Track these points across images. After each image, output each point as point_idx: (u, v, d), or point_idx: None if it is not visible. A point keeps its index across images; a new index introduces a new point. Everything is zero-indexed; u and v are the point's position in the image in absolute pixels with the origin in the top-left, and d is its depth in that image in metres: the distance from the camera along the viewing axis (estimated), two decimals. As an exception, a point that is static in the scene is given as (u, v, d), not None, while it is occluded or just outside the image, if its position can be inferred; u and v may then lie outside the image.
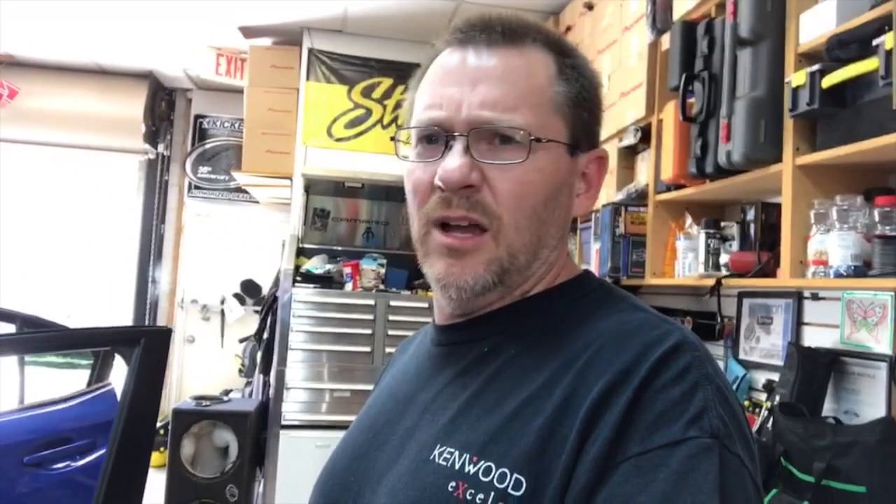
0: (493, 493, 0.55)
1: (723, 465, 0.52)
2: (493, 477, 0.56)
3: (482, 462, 0.57)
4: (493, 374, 0.64)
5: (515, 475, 0.55)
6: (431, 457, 0.61)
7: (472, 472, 0.57)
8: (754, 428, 1.87)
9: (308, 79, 3.67)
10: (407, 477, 0.62)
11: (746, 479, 0.54)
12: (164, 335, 1.31)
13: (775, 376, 1.90)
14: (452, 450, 0.60)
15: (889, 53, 1.30)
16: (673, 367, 0.56)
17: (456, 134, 0.65)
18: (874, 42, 1.37)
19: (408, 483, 0.61)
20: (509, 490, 0.55)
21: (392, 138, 0.73)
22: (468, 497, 0.56)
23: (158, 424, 4.37)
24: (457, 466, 0.58)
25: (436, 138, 0.66)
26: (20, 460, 1.80)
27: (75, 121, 4.81)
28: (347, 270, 3.42)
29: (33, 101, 4.69)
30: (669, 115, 2.10)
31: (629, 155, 2.52)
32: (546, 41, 0.69)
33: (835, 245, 1.51)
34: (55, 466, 1.86)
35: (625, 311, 0.65)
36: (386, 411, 0.72)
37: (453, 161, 0.64)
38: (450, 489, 0.57)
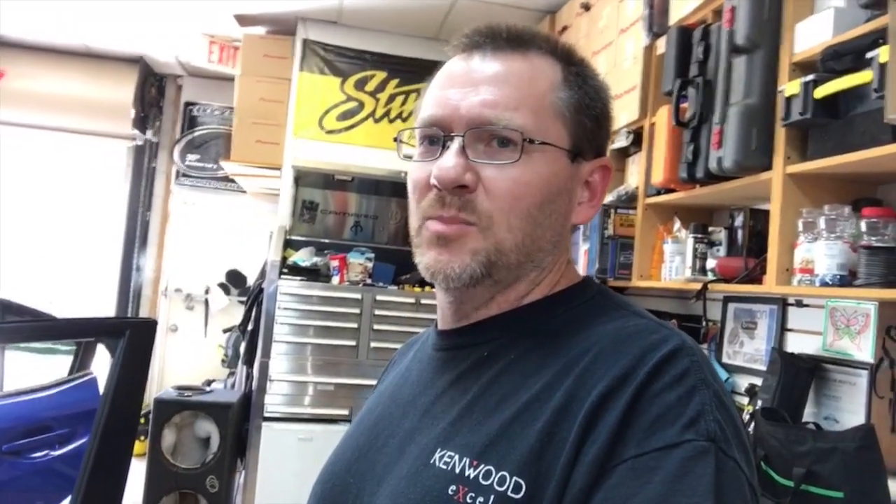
0: (492, 497, 0.56)
1: (719, 469, 0.53)
2: (493, 480, 0.57)
3: (482, 465, 0.58)
4: (492, 378, 0.65)
5: (515, 478, 0.56)
6: (432, 460, 0.61)
7: (472, 475, 0.58)
8: (736, 432, 1.88)
9: (301, 69, 3.64)
10: (407, 480, 0.62)
11: (743, 483, 0.55)
12: (150, 327, 1.30)
13: (758, 381, 1.92)
14: (453, 453, 0.60)
15: (883, 66, 1.31)
16: (670, 372, 0.57)
17: (453, 134, 0.66)
18: (868, 55, 1.39)
19: (408, 486, 0.61)
20: (509, 493, 0.56)
21: (395, 139, 0.74)
22: (468, 500, 0.57)
23: (142, 406, 4.34)
24: (457, 470, 0.59)
25: (437, 139, 0.68)
26: (-1, 447, 1.78)
27: (63, 104, 4.74)
28: (335, 264, 3.40)
29: (20, 83, 4.61)
30: (662, 119, 2.10)
31: (620, 157, 2.53)
32: (553, 50, 0.70)
33: (821, 254, 1.53)
34: (34, 455, 1.84)
35: (624, 317, 0.66)
36: (387, 414, 0.73)
37: (448, 160, 0.65)
38: (450, 493, 0.58)
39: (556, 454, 0.56)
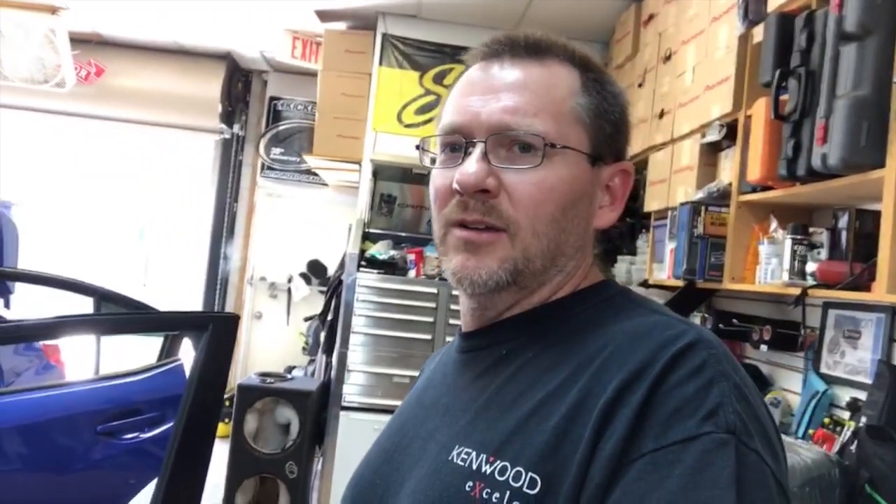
0: (508, 492, 0.57)
1: (740, 461, 0.52)
2: (509, 476, 0.58)
3: (498, 462, 0.59)
4: (510, 376, 0.67)
5: (530, 474, 0.57)
6: (450, 457, 0.63)
7: (488, 471, 0.59)
8: (834, 448, 1.76)
9: (381, 64, 3.67)
10: (427, 478, 0.64)
11: (767, 476, 0.54)
12: (232, 322, 1.33)
13: (861, 395, 1.78)
14: (470, 450, 0.62)
15: None
16: (687, 365, 0.56)
17: (475, 140, 0.67)
18: None
19: (428, 484, 0.63)
20: (524, 489, 0.57)
21: (417, 146, 0.76)
22: (484, 496, 0.58)
23: (224, 396, 4.52)
24: (474, 466, 0.60)
25: (458, 146, 0.69)
26: (94, 429, 1.87)
27: (156, 99, 4.98)
28: (411, 257, 3.41)
29: (118, 80, 4.87)
30: (759, 111, 1.98)
31: (712, 152, 2.40)
32: (571, 57, 0.72)
33: (941, 260, 1.39)
34: (126, 436, 1.93)
35: (643, 315, 0.66)
36: (412, 416, 0.76)
37: (470, 166, 0.66)
38: (467, 489, 0.59)
39: (572, 450, 0.56)
